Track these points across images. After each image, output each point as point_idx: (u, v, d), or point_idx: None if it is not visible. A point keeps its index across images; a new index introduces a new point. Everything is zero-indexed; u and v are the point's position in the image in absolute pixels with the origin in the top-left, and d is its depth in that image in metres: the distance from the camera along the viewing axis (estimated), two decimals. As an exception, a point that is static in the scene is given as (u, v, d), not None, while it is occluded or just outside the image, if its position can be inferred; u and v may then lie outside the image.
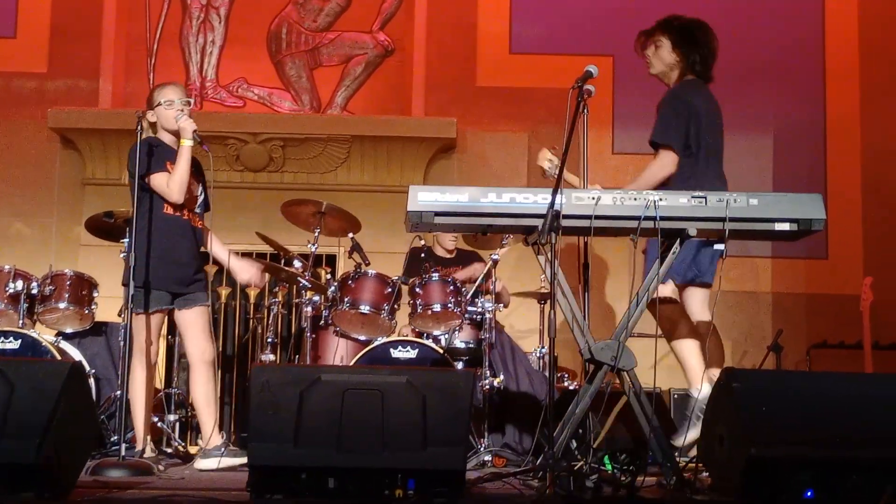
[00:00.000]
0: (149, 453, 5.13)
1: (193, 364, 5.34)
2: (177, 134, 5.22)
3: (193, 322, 5.29)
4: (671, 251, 4.38)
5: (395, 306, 6.18)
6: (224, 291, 7.45)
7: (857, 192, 8.64)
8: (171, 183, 5.12)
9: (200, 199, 5.37)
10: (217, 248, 5.47)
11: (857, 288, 7.18)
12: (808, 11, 8.82)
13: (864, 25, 8.78)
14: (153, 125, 5.29)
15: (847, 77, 8.76)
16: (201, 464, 5.20)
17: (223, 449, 5.19)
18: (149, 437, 5.24)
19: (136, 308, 5.06)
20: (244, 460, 4.90)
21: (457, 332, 6.20)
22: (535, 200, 4.24)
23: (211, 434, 5.27)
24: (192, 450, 6.20)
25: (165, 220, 5.20)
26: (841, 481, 3.63)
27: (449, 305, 6.07)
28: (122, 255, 5.86)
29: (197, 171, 5.35)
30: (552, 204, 4.16)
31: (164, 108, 5.23)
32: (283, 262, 6.66)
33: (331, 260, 8.09)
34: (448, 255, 7.02)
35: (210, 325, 5.38)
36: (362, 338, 6.23)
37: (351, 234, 6.55)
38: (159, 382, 6.61)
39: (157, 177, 5.15)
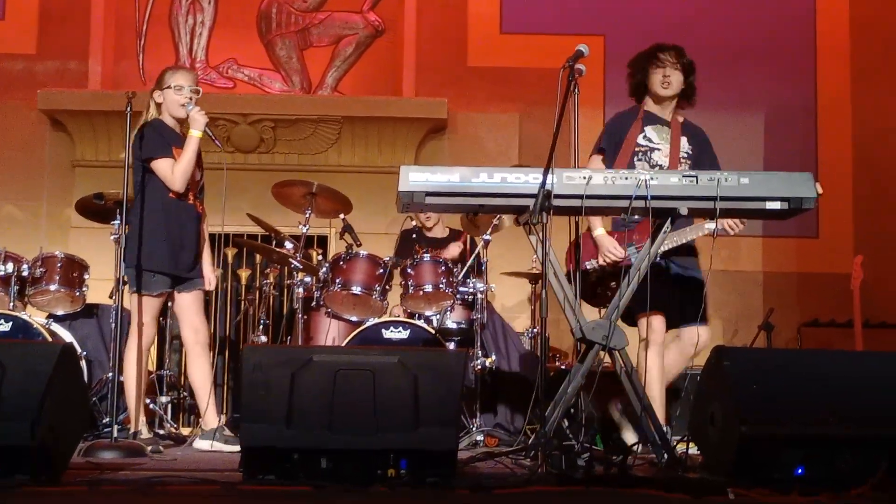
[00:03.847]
0: (145, 434, 5.15)
1: (188, 346, 5.36)
2: (181, 120, 5.22)
3: (189, 305, 5.31)
4: (662, 230, 4.38)
5: (387, 287, 6.18)
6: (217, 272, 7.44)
7: (848, 170, 8.65)
8: (176, 170, 5.13)
9: (201, 183, 5.37)
10: (204, 236, 5.49)
11: (848, 266, 7.18)
12: (798, -10, 8.82)
13: (855, 3, 8.78)
14: (159, 106, 5.29)
15: (838, 55, 8.76)
16: (198, 443, 5.21)
17: (215, 433, 5.20)
18: (143, 419, 5.25)
19: (140, 289, 5.15)
20: (236, 448, 4.93)
21: (448, 313, 6.21)
22: (526, 180, 4.23)
23: (206, 414, 5.29)
24: (185, 431, 6.21)
25: (172, 203, 5.20)
26: (832, 458, 3.64)
27: (440, 286, 6.07)
28: (112, 238, 5.87)
29: (199, 156, 5.33)
30: (543, 184, 4.16)
31: (174, 93, 5.21)
32: (274, 243, 6.65)
33: (322, 241, 8.09)
34: (440, 236, 7.01)
35: (203, 307, 5.41)
36: (354, 318, 6.23)
37: (342, 215, 6.54)
38: (152, 364, 6.61)
39: (162, 162, 5.15)
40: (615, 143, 5.13)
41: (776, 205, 4.31)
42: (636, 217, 4.47)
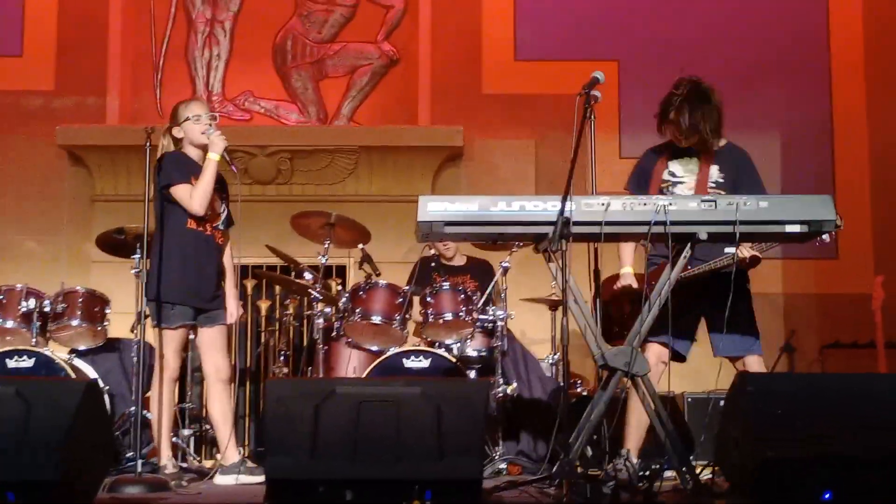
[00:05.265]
0: (170, 468, 5.15)
1: (209, 382, 5.37)
2: (204, 149, 5.27)
3: (212, 341, 5.33)
4: (682, 255, 4.38)
5: (407, 316, 6.19)
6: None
7: (865, 189, 8.62)
8: (195, 194, 5.16)
9: (223, 215, 5.40)
10: (229, 269, 5.48)
11: (869, 287, 7.15)
12: (811, 8, 8.82)
13: (869, 20, 8.77)
14: (179, 140, 5.35)
15: (853, 72, 8.74)
16: (219, 479, 5.21)
17: (240, 466, 5.21)
18: (169, 453, 5.25)
19: (160, 323, 5.16)
20: (261, 479, 4.92)
21: (468, 341, 6.20)
22: (544, 208, 4.23)
23: (227, 449, 5.29)
24: (208, 464, 6.20)
25: (188, 234, 5.23)
26: (858, 481, 3.62)
27: (460, 314, 6.07)
28: (133, 272, 5.91)
29: (220, 187, 5.38)
30: (562, 211, 4.16)
31: (192, 123, 5.28)
32: (293, 274, 6.67)
33: (341, 271, 8.10)
34: (458, 264, 7.01)
35: (226, 343, 5.44)
36: (374, 348, 6.23)
37: (361, 245, 6.55)
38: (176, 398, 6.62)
39: (181, 188, 5.19)
40: (644, 180, 5.05)
41: (796, 228, 4.30)
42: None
